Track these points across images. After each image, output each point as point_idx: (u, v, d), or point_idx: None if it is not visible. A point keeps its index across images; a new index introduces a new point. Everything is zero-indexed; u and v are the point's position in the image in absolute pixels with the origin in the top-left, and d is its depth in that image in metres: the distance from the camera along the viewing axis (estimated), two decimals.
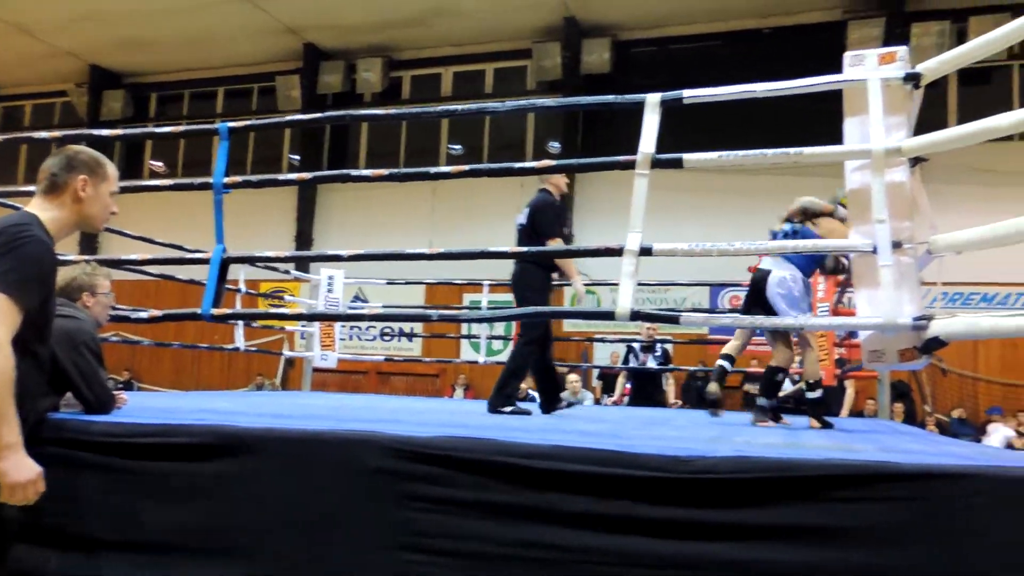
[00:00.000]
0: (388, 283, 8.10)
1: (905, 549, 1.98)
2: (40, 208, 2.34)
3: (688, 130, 6.54)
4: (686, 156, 2.71)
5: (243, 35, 13.47)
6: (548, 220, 4.68)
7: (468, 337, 10.18)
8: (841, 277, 5.29)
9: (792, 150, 2.61)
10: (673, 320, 2.79)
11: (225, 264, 3.42)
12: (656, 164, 2.73)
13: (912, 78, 2.58)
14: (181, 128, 3.82)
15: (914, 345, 2.43)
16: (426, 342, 12.03)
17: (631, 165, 2.74)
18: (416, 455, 2.38)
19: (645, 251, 2.70)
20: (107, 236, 10.24)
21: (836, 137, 2.83)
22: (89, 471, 2.71)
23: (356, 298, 11.96)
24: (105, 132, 4.16)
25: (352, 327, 11.00)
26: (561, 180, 4.87)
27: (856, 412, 8.97)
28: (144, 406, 3.75)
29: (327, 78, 13.93)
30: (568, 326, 11.54)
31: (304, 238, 13.68)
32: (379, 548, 2.39)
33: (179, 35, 13.48)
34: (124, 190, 3.95)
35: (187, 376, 13.31)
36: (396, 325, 11.29)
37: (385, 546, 2.40)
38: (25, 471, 2.12)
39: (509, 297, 4.99)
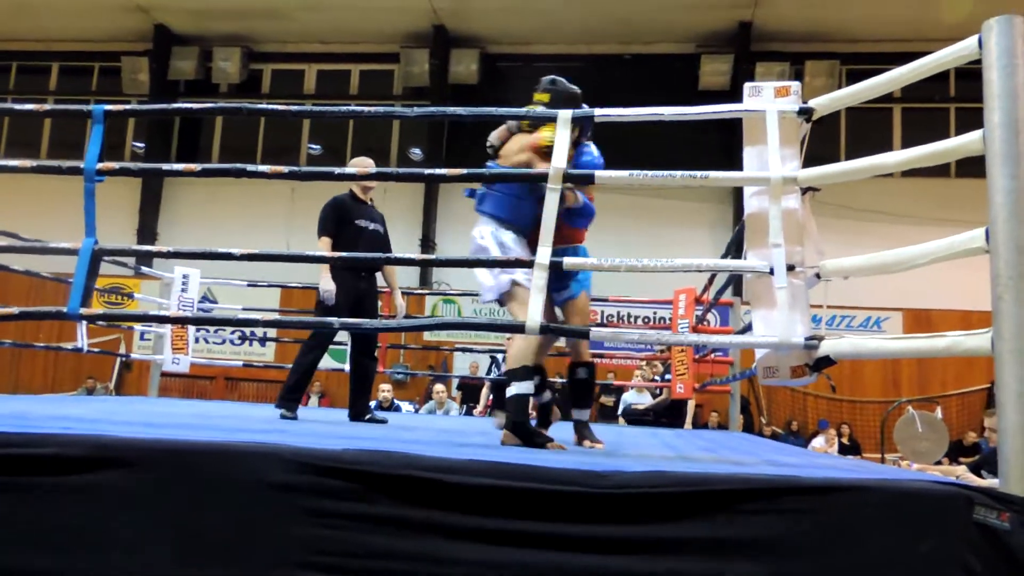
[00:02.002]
0: (249, 285, 7.69)
1: (805, 559, 2.10)
2: None
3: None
4: (598, 173, 2.76)
5: (85, 6, 12.45)
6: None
7: (336, 345, 9.84)
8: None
9: (699, 173, 2.71)
10: (583, 335, 2.82)
11: (96, 258, 3.12)
12: (568, 179, 2.76)
13: (804, 112, 2.76)
14: (46, 107, 3.43)
15: (805, 363, 2.58)
16: (280, 347, 11.56)
17: (543, 178, 2.75)
18: (323, 469, 2.26)
19: (555, 265, 2.71)
20: None
21: (704, 164, 3.03)
22: None
23: (204, 298, 11.30)
24: None
25: (199, 329, 10.37)
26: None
27: (702, 424, 9.48)
28: None
29: (180, 63, 13.14)
30: (428, 335, 11.49)
31: (147, 232, 12.79)
32: (278, 567, 2.25)
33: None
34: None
35: (2, 378, 12.05)
36: (249, 329, 10.76)
37: (284, 564, 2.26)
38: None
39: None
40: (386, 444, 2.60)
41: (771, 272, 2.61)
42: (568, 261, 2.73)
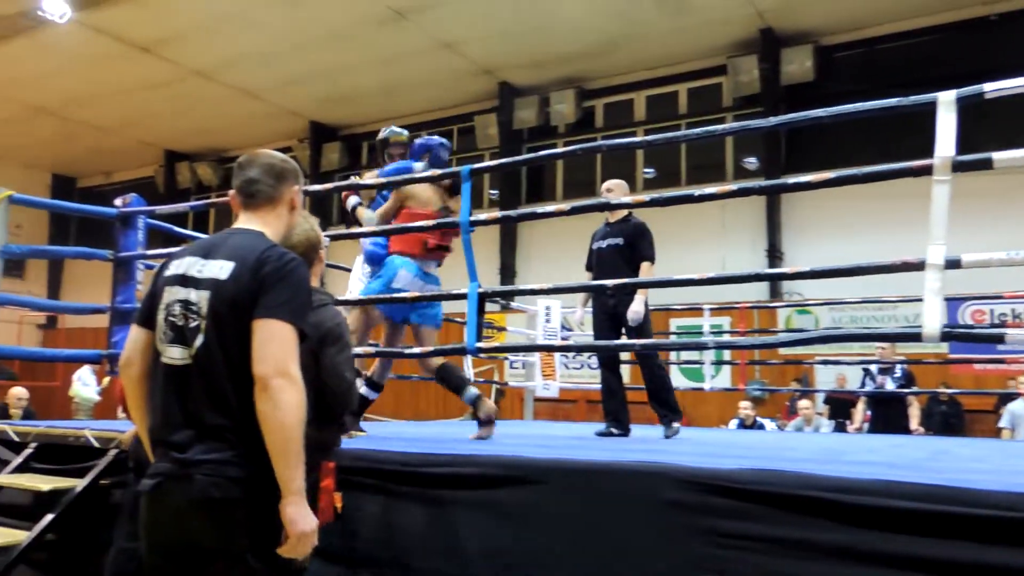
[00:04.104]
0: None
1: None
2: (263, 224, 2.09)
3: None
4: (996, 155, 2.44)
5: (443, 80, 14.17)
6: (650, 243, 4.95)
7: (687, 363, 9.92)
8: None
9: None
10: (997, 339, 2.50)
11: (482, 300, 3.50)
12: (958, 167, 2.48)
13: None
14: (426, 174, 3.99)
15: None
16: (634, 369, 11.86)
17: (927, 171, 2.51)
18: (716, 488, 2.28)
19: (952, 264, 2.44)
20: None
21: None
22: (382, 498, 2.84)
23: (563, 327, 12.05)
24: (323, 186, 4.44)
25: (561, 356, 11.07)
26: None
27: None
28: (409, 435, 3.90)
29: (522, 113, 14.31)
30: (784, 349, 10.97)
31: (508, 271, 14.05)
32: None
33: (385, 86, 14.41)
34: (384, 232, 4.19)
35: (405, 406, 13.99)
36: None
37: None
38: (310, 520, 1.86)
39: (721, 320, 4.91)
40: (775, 463, 2.54)
41: None
42: (968, 259, 2.44)
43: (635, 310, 4.71)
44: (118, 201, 5.07)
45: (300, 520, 1.83)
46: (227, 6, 11.74)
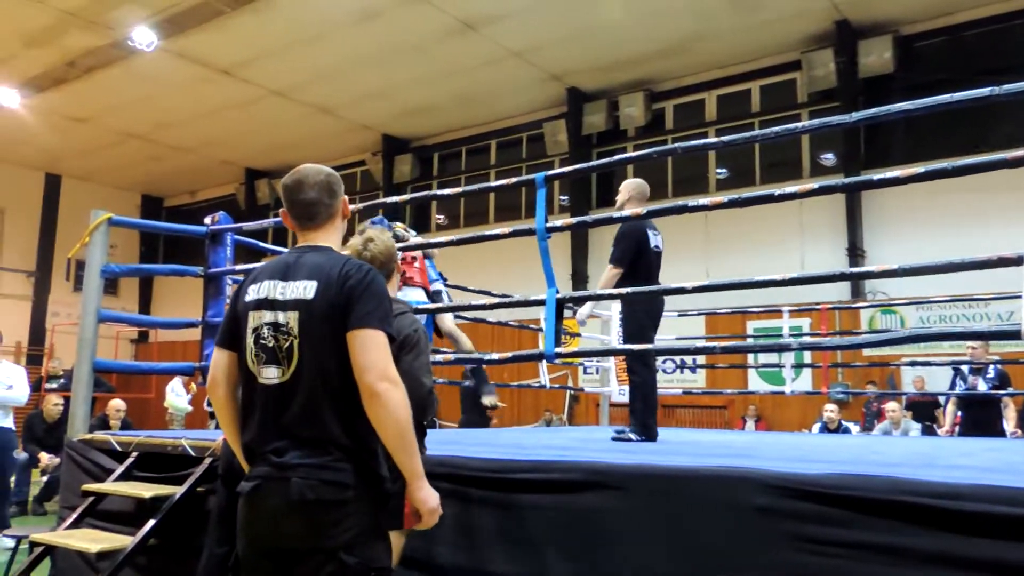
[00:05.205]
0: (679, 315, 7.98)
1: None
2: (327, 240, 2.21)
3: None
4: None
5: (512, 89, 14.28)
6: None
7: (766, 366, 9.71)
8: None
9: None
10: None
11: (560, 305, 3.52)
12: None
13: None
14: (495, 183, 4.04)
15: None
16: (710, 373, 11.70)
17: (1022, 163, 2.42)
18: (804, 493, 2.24)
19: None
20: None
21: None
22: (466, 504, 2.89)
23: None
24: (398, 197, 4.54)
25: None
26: None
27: None
28: (486, 441, 3.94)
29: (591, 118, 14.30)
30: (868, 351, 10.63)
31: (579, 276, 14.04)
32: None
33: (455, 97, 14.62)
34: (460, 241, 4.27)
35: None
36: (678, 357, 11.11)
37: None
38: (435, 496, 2.09)
39: (801, 322, 4.71)
40: (864, 467, 2.48)
41: None
42: None
43: (583, 312, 4.94)
44: (208, 219, 5.29)
45: (429, 498, 2.05)
46: (302, 27, 12.11)
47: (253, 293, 2.11)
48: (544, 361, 7.59)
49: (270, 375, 2.02)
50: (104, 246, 4.84)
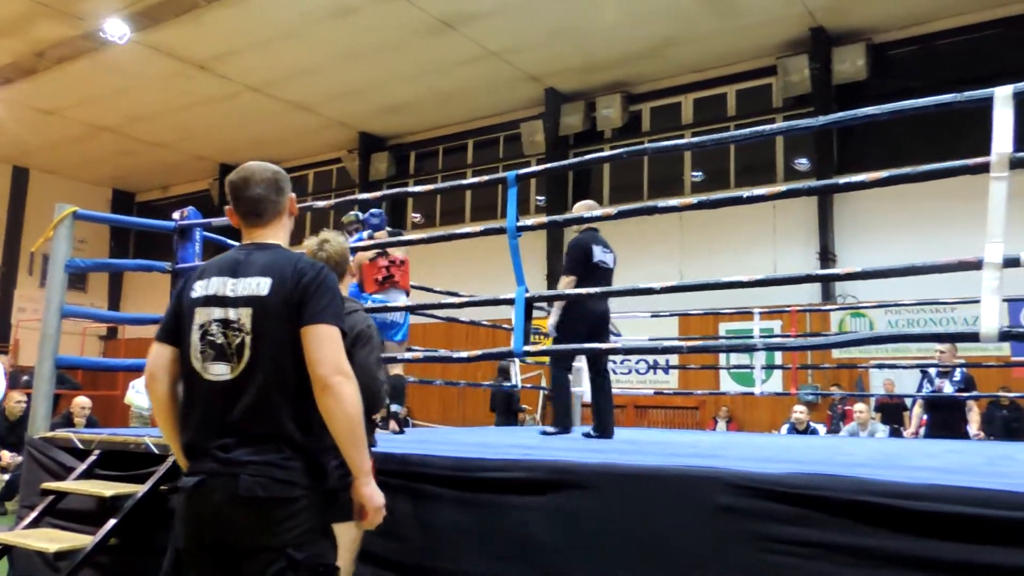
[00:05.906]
0: (652, 316, 8.00)
1: None
2: (274, 237, 2.20)
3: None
4: None
5: (489, 88, 14.26)
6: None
7: (737, 367, 9.78)
8: None
9: None
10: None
11: (529, 304, 3.51)
12: (1016, 164, 2.41)
13: None
14: (469, 181, 4.03)
15: None
16: (683, 374, 11.76)
17: (984, 168, 2.45)
18: (768, 493, 2.25)
19: (1010, 262, 2.38)
20: None
21: None
22: (432, 502, 2.87)
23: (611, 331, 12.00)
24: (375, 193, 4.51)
25: (610, 361, 11.02)
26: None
27: None
28: (457, 440, 3.92)
29: (568, 119, 14.32)
30: (838, 352, 10.76)
31: (554, 276, 14.04)
32: None
33: (432, 96, 14.57)
34: (432, 239, 4.25)
35: (454, 412, 14.08)
36: (651, 357, 11.16)
37: None
38: (380, 495, 2.08)
39: (772, 324, 4.77)
40: (829, 467, 2.49)
41: None
42: None
43: (550, 324, 5.07)
44: (176, 214, 5.21)
45: (376, 495, 2.05)
46: (278, 22, 12.00)
47: (201, 289, 2.08)
48: (516, 360, 7.61)
49: (217, 372, 1.99)
50: (69, 240, 4.75)
